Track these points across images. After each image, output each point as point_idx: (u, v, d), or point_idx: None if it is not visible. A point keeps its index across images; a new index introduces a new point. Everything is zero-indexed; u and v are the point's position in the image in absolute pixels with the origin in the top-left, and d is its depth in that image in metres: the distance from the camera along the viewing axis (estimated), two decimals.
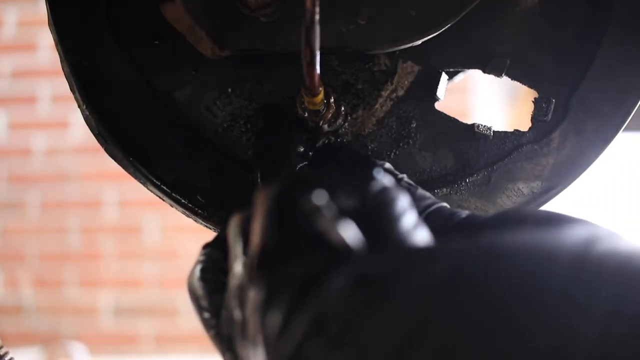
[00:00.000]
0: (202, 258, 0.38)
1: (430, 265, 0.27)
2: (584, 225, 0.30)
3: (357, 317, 0.26)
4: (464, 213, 0.38)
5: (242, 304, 0.31)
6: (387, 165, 0.42)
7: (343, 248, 0.29)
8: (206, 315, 0.36)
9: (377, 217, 0.31)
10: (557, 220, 0.32)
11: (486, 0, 0.47)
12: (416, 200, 0.40)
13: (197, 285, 0.37)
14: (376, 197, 0.31)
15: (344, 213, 0.30)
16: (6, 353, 0.55)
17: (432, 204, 0.40)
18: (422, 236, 0.31)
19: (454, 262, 0.27)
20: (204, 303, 0.36)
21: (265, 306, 0.28)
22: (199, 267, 0.38)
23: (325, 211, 0.29)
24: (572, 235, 0.28)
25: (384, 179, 0.32)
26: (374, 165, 0.43)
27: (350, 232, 0.29)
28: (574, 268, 0.26)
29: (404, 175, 0.42)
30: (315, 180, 0.32)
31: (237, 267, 0.33)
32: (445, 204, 0.40)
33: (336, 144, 0.45)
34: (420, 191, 0.40)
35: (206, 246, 0.39)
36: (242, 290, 0.31)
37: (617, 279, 0.26)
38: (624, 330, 0.23)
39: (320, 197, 0.30)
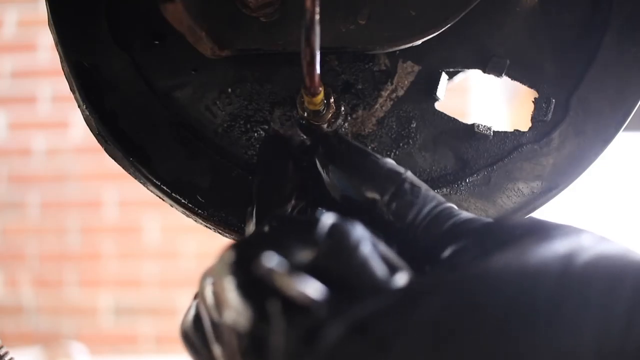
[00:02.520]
0: (194, 305, 0.37)
1: (420, 303, 0.27)
2: (567, 234, 0.30)
3: None
4: (460, 219, 0.37)
5: None
6: (390, 160, 0.42)
7: (309, 304, 0.28)
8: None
9: (333, 260, 0.30)
10: (541, 230, 0.31)
11: (486, 0, 0.47)
12: (417, 205, 0.39)
13: (192, 331, 0.36)
14: (326, 240, 0.31)
15: (300, 267, 0.30)
16: (6, 353, 0.55)
17: (436, 206, 0.39)
18: (380, 266, 0.31)
19: (443, 299, 0.27)
20: (198, 347, 0.36)
21: None
22: (192, 315, 0.37)
23: (277, 271, 0.29)
24: (555, 251, 0.28)
25: (328, 219, 0.32)
26: (373, 160, 0.43)
27: (310, 286, 0.29)
28: (558, 284, 0.26)
29: (409, 172, 0.41)
30: (263, 243, 0.32)
31: (217, 351, 0.33)
32: (449, 205, 0.39)
33: (334, 139, 0.44)
34: (425, 192, 0.39)
35: (197, 296, 0.39)
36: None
37: (602, 289, 0.26)
38: (614, 348, 0.24)
39: (269, 259, 0.30)
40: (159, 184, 0.52)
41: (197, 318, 0.36)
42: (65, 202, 2.45)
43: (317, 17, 0.37)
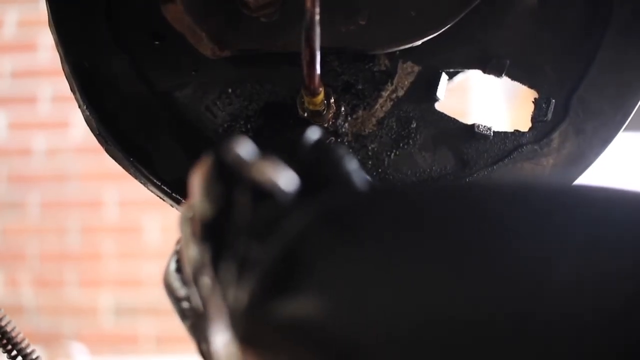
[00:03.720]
0: (176, 251, 0.37)
1: (394, 197, 0.26)
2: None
3: (328, 250, 0.24)
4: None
5: (199, 286, 0.30)
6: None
7: (278, 192, 0.27)
8: (183, 305, 0.35)
9: (317, 164, 0.30)
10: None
11: (486, 0, 0.47)
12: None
13: (173, 277, 0.36)
14: (312, 148, 0.30)
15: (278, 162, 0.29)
16: (33, 351, 0.55)
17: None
18: (362, 179, 0.30)
19: (426, 194, 0.26)
20: (180, 293, 0.35)
21: (216, 260, 0.27)
22: (173, 260, 0.37)
23: (250, 159, 0.28)
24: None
25: (313, 134, 0.31)
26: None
27: (283, 175, 0.28)
28: (554, 195, 0.25)
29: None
30: (247, 142, 0.31)
31: (189, 252, 0.31)
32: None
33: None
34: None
35: (180, 240, 0.38)
36: (196, 271, 0.30)
37: (596, 205, 0.24)
38: (602, 257, 0.21)
39: (243, 148, 0.28)
40: (160, 184, 0.52)
41: (178, 264, 0.35)
42: (66, 202, 2.45)
43: (317, 17, 0.37)
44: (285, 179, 0.28)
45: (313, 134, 0.31)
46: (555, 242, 0.22)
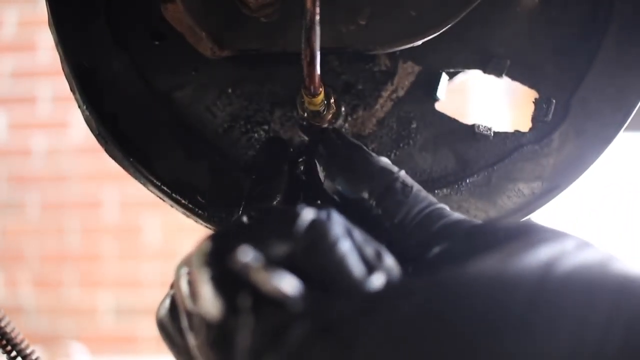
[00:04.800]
0: (170, 295, 0.37)
1: (388, 308, 0.26)
2: (550, 240, 0.30)
3: None
4: (450, 220, 0.37)
5: None
6: (384, 159, 0.41)
7: (282, 299, 0.28)
8: (178, 351, 0.36)
9: (310, 257, 0.30)
10: (525, 234, 0.31)
11: (486, 0, 0.47)
12: (406, 205, 0.38)
13: (168, 323, 0.36)
14: (305, 236, 0.30)
15: (276, 262, 0.30)
16: (32, 352, 0.55)
17: (427, 206, 0.38)
18: (357, 265, 0.30)
19: (410, 306, 0.26)
20: (177, 340, 0.35)
21: None
22: (167, 304, 0.37)
23: (252, 265, 0.29)
24: (535, 259, 0.28)
25: (308, 214, 0.31)
26: (366, 156, 0.42)
27: (285, 281, 0.28)
28: (534, 294, 0.26)
29: (402, 171, 0.41)
30: (240, 235, 0.31)
31: (190, 340, 0.33)
32: (441, 206, 0.39)
33: (333, 133, 0.44)
34: (416, 192, 0.39)
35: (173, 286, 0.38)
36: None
37: (579, 300, 0.25)
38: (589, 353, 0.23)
39: (245, 253, 0.29)
40: (159, 184, 0.52)
41: (173, 307, 0.35)
42: (65, 202, 2.45)
43: (318, 17, 0.37)
44: (288, 286, 0.28)
45: (307, 214, 0.31)
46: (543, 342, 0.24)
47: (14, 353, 0.54)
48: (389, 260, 0.32)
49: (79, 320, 2.40)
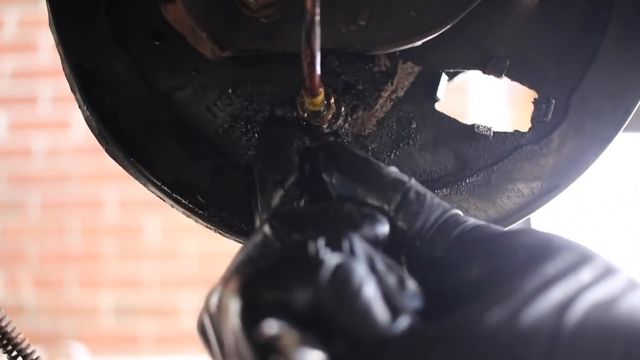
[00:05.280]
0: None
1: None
2: (567, 272, 0.31)
3: None
4: (467, 228, 0.38)
5: None
6: (394, 169, 0.42)
7: None
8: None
9: (335, 306, 0.31)
10: (545, 255, 0.32)
11: (486, 1, 0.47)
12: (423, 214, 0.39)
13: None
14: (329, 285, 0.31)
15: (303, 320, 0.31)
16: (33, 352, 0.55)
17: (442, 214, 0.39)
18: (382, 311, 0.31)
19: (440, 357, 0.28)
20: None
21: None
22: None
23: (280, 338, 0.30)
24: (550, 301, 0.29)
25: (332, 259, 0.32)
26: (377, 169, 0.43)
27: (311, 357, 0.29)
28: (549, 350, 0.27)
29: (413, 179, 0.41)
30: (266, 283, 0.32)
31: None
32: (455, 211, 0.39)
33: (338, 147, 0.44)
34: (430, 200, 0.39)
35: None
36: None
37: (593, 353, 0.27)
38: None
39: (271, 326, 0.30)
40: (160, 184, 0.52)
41: (203, 329, 0.36)
42: (66, 202, 2.45)
43: (318, 17, 0.37)
44: (313, 358, 0.30)
45: (331, 259, 0.32)
46: None
47: (14, 353, 0.54)
48: (411, 286, 0.33)
49: (80, 320, 2.40)
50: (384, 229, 0.38)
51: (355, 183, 0.41)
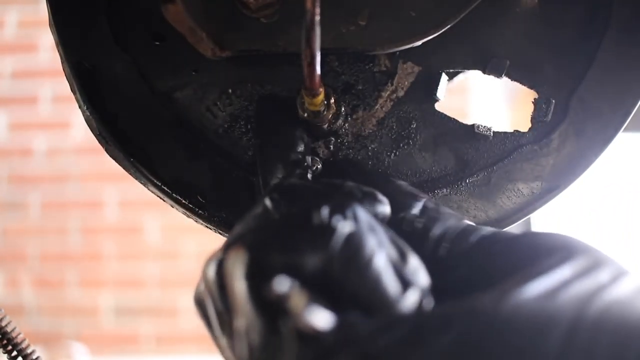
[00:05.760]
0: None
1: (428, 339, 0.28)
2: (590, 271, 0.31)
3: None
4: (488, 232, 0.37)
5: None
6: (404, 184, 0.42)
7: (316, 335, 0.29)
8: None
9: (347, 273, 0.31)
10: (568, 256, 0.32)
11: (486, 1, 0.47)
12: (441, 220, 0.39)
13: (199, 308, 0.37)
14: (341, 252, 0.31)
15: (313, 284, 0.30)
16: (33, 352, 0.55)
17: (457, 223, 0.39)
18: (392, 282, 0.31)
19: (450, 339, 0.27)
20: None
21: None
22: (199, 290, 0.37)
23: (289, 297, 0.30)
24: (573, 293, 0.29)
25: (344, 227, 0.32)
26: (388, 182, 0.43)
27: (319, 317, 0.29)
28: (568, 336, 0.27)
29: (425, 198, 0.41)
30: (277, 246, 0.32)
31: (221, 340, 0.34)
32: (470, 223, 0.39)
33: (347, 161, 0.45)
34: (443, 210, 0.40)
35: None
36: None
37: (611, 343, 0.27)
38: None
39: (282, 284, 0.30)
40: (160, 184, 0.52)
41: (200, 299, 0.36)
42: (66, 202, 2.45)
43: (318, 18, 0.37)
44: (321, 321, 0.29)
45: (343, 227, 0.32)
46: None
47: (14, 353, 0.54)
48: (414, 261, 0.33)
49: (80, 320, 2.40)
50: (384, 208, 0.38)
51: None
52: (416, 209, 0.40)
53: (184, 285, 2.38)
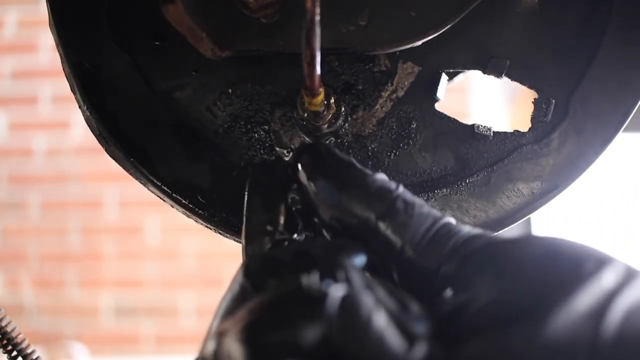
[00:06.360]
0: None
1: None
2: (588, 279, 0.28)
3: None
4: (461, 239, 0.35)
5: None
6: (381, 176, 0.39)
7: None
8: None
9: (347, 338, 0.29)
10: (555, 269, 0.30)
11: (486, 1, 0.47)
12: (411, 226, 0.36)
13: None
14: (337, 319, 0.29)
15: (312, 349, 0.29)
16: (33, 351, 0.55)
17: (432, 225, 0.36)
18: (396, 339, 0.29)
19: None
20: None
21: None
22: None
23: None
24: (579, 313, 0.27)
25: (337, 291, 0.30)
26: (363, 176, 0.40)
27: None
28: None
29: (401, 186, 0.38)
30: (270, 319, 0.30)
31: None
32: (446, 220, 0.37)
33: (324, 150, 0.43)
34: (418, 210, 0.37)
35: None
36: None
37: None
38: None
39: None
40: (160, 184, 0.52)
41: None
42: (66, 202, 2.45)
43: (318, 17, 0.37)
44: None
45: (335, 291, 0.30)
46: None
47: (14, 353, 0.54)
48: (415, 309, 0.31)
49: (80, 320, 2.40)
50: (362, 259, 0.36)
51: (340, 191, 0.39)
52: (384, 211, 0.37)
53: (184, 285, 2.38)
